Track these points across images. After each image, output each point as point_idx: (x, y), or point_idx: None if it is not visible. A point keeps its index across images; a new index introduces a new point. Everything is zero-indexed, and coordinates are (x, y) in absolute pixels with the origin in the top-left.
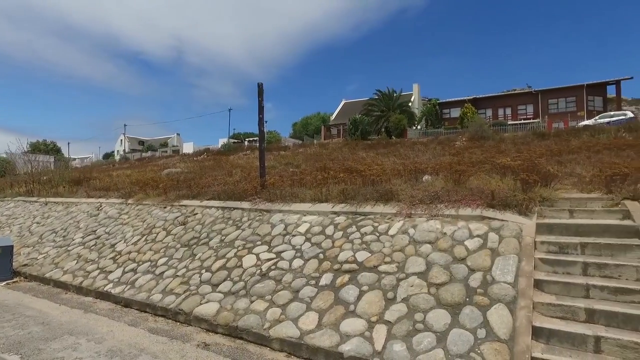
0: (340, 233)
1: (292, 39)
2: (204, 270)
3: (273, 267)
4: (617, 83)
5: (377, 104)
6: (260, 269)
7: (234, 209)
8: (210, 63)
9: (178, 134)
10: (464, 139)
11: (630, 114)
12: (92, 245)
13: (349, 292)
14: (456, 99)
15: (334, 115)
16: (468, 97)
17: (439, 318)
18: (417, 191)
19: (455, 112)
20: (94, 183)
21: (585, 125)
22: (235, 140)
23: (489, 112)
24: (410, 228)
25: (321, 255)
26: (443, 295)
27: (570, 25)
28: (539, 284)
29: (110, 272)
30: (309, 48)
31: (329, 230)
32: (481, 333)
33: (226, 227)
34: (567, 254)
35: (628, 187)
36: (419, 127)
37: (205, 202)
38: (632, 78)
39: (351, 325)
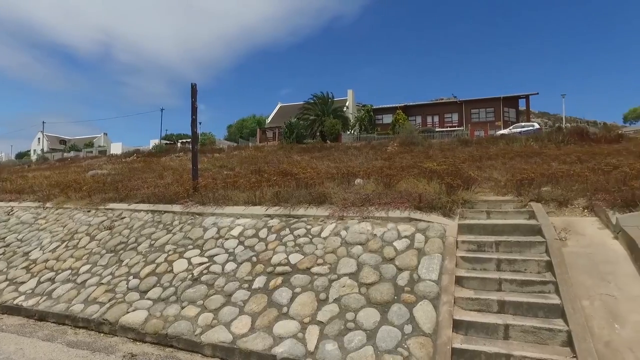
0: (274, 236)
1: (228, 41)
2: (131, 277)
3: (205, 271)
4: (527, 97)
5: (312, 108)
6: (192, 274)
7: (165, 212)
8: (141, 60)
9: (105, 134)
10: (395, 144)
11: (537, 125)
12: (0, 255)
13: (282, 295)
14: (389, 105)
15: (269, 118)
16: (400, 104)
17: (369, 316)
18: (349, 194)
19: (388, 118)
20: (4, 185)
21: (502, 134)
22: (168, 142)
23: (419, 119)
24: (343, 230)
25: (254, 259)
26: (373, 295)
27: (493, 40)
28: (459, 280)
29: (22, 283)
30: (245, 50)
31: (263, 233)
32: (408, 329)
33: (156, 231)
34: (484, 252)
35: (534, 190)
36: (353, 131)
37: (134, 206)
38: (537, 93)
39: (284, 327)
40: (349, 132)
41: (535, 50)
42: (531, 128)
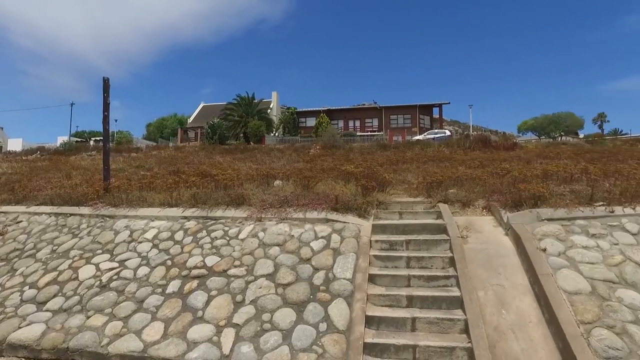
0: (190, 238)
1: (147, 35)
2: (27, 287)
3: (115, 277)
4: (440, 106)
5: (236, 108)
6: (100, 280)
7: (71, 215)
8: (45, 48)
9: (1, 128)
10: (318, 147)
11: (448, 132)
12: None
13: (198, 298)
14: (312, 109)
15: (191, 118)
16: (323, 108)
17: (285, 316)
18: (268, 195)
19: (311, 122)
20: None
21: (417, 140)
22: (79, 139)
23: (341, 123)
24: (260, 231)
25: (169, 262)
26: (289, 295)
27: (410, 49)
28: (372, 278)
29: None
30: (165, 47)
31: (179, 235)
32: (323, 327)
33: (60, 235)
34: (395, 250)
35: (442, 192)
36: (277, 134)
37: (33, 208)
38: (449, 103)
39: (199, 331)
40: (273, 134)
41: (451, 62)
42: (443, 135)
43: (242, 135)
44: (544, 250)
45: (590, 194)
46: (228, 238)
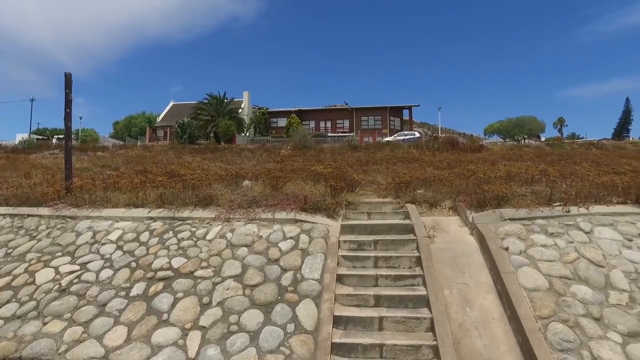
0: (156, 239)
1: (113, 31)
2: None
3: (76, 280)
4: (410, 108)
5: (207, 108)
6: (60, 284)
7: (29, 216)
8: (3, 40)
9: None
10: (288, 148)
11: (417, 134)
12: None
13: (163, 301)
14: (284, 109)
15: (161, 117)
16: (294, 109)
17: (253, 318)
18: (236, 196)
19: (283, 122)
20: None
21: (388, 141)
22: (40, 137)
23: (312, 124)
24: (228, 232)
25: (134, 264)
26: (257, 296)
27: (381, 52)
28: (340, 278)
29: None
30: (133, 43)
31: (144, 236)
32: (290, 327)
33: (15, 237)
34: (363, 250)
35: (410, 193)
36: (248, 134)
37: None
38: (419, 105)
39: (164, 335)
40: (244, 134)
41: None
42: (412, 136)
43: (212, 135)
44: (506, 249)
45: (549, 194)
46: (195, 239)
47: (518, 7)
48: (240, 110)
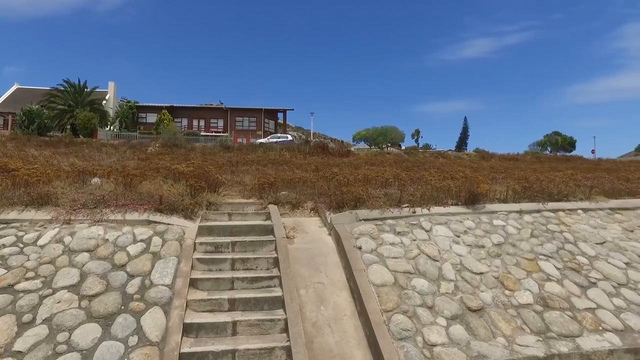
0: None
1: None
2: None
3: None
4: (284, 112)
5: (63, 96)
6: None
7: None
8: None
9: None
10: (157, 145)
11: (290, 137)
12: None
13: None
14: (154, 104)
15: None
16: (166, 105)
17: (88, 333)
18: (81, 194)
19: (152, 118)
20: None
21: (261, 143)
22: None
23: (185, 122)
24: (67, 236)
25: None
26: (96, 307)
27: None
28: (194, 283)
29: None
30: None
31: None
32: (133, 340)
33: None
34: (221, 253)
35: (273, 194)
36: (112, 128)
37: None
38: (293, 109)
39: None
40: (108, 129)
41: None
42: (285, 139)
43: (69, 126)
44: (360, 248)
45: (399, 197)
46: (22, 245)
47: (382, 29)
48: (104, 102)
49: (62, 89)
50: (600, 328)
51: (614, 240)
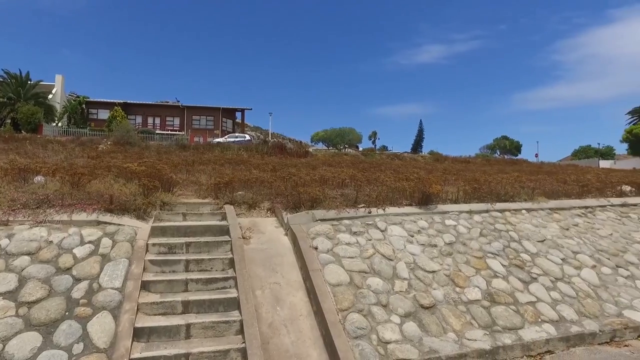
0: None
1: None
2: None
3: None
4: (242, 111)
5: (2, 88)
6: None
7: None
8: None
9: None
10: (109, 143)
11: (248, 137)
12: None
13: None
14: (107, 100)
15: None
16: (119, 101)
17: (26, 343)
18: (22, 194)
19: (104, 114)
20: None
21: (218, 142)
22: None
23: (139, 119)
24: (4, 238)
25: None
26: (36, 315)
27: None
28: (146, 285)
29: None
30: None
31: None
32: (78, 348)
33: None
34: (174, 254)
35: (230, 194)
36: (60, 124)
37: None
38: (251, 109)
39: None
40: (54, 124)
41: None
42: (243, 139)
43: (9, 121)
44: (316, 248)
45: (356, 197)
46: None
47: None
48: (50, 96)
49: (1, 79)
50: (540, 320)
51: (552, 238)
